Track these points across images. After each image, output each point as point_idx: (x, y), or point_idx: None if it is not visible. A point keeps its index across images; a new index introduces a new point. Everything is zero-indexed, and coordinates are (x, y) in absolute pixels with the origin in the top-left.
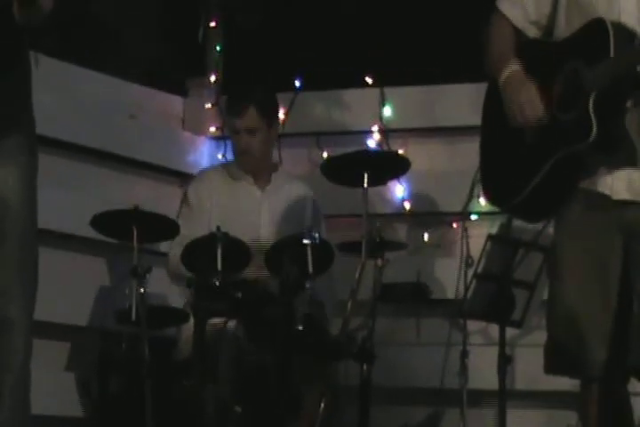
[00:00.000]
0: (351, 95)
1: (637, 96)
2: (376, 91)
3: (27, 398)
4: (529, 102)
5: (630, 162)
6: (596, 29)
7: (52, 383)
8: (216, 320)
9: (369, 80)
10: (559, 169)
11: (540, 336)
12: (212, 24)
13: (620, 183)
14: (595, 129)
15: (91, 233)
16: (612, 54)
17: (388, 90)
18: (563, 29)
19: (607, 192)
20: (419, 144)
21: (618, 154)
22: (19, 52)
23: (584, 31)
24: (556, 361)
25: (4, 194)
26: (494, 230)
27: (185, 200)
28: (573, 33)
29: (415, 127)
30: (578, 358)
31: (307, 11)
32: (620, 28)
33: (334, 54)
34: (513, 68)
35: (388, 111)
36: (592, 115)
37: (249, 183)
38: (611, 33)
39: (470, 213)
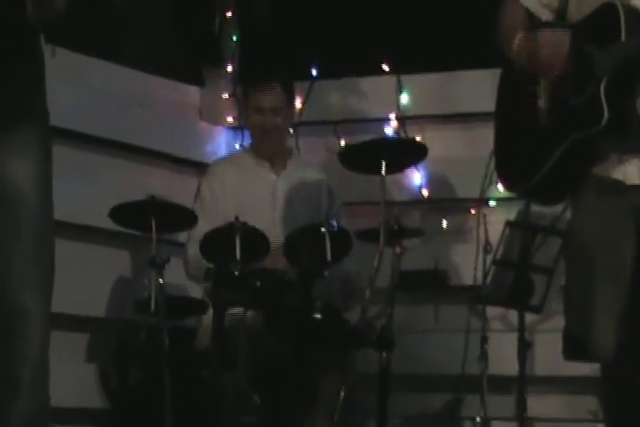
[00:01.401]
0: (368, 83)
1: None
2: (393, 78)
3: (46, 389)
4: (550, 44)
5: None
6: (608, 13)
7: (72, 374)
8: (235, 310)
9: (385, 67)
10: (572, 153)
11: (560, 322)
12: (228, 14)
13: (633, 168)
14: (606, 113)
15: (108, 224)
16: (622, 38)
17: (404, 77)
18: (575, 12)
19: (620, 177)
20: (436, 131)
21: (630, 139)
22: (32, 45)
23: (596, 15)
24: (570, 346)
25: (20, 187)
26: (512, 216)
27: (198, 196)
28: (586, 17)
29: (432, 114)
30: (588, 342)
31: None
32: (632, 11)
33: (350, 42)
34: (522, 34)
35: (404, 98)
36: (603, 99)
37: (264, 169)
38: (622, 16)
39: (488, 200)
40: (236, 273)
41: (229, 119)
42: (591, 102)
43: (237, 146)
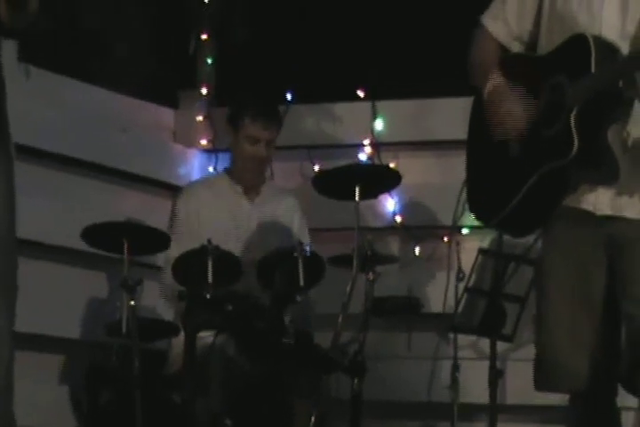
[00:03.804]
0: (343, 108)
1: (620, 111)
2: (367, 104)
3: (10, 408)
4: (510, 114)
5: (613, 177)
6: (578, 44)
7: (43, 396)
8: (206, 333)
9: (360, 93)
10: (543, 185)
11: (531, 350)
12: (204, 36)
13: (603, 199)
14: (576, 144)
15: (81, 245)
16: (592, 70)
17: (379, 103)
18: (545, 43)
19: (590, 208)
20: (410, 158)
21: (601, 169)
22: None
23: (566, 46)
24: (541, 377)
25: None
26: (485, 244)
27: (173, 218)
28: (556, 48)
29: (406, 141)
30: (560, 372)
31: (299, 24)
32: (602, 43)
33: (326, 68)
34: (496, 80)
35: (379, 125)
36: (573, 130)
37: (238, 195)
38: (592, 48)
39: (461, 227)
40: (208, 297)
41: (203, 142)
42: (562, 133)
43: (211, 169)
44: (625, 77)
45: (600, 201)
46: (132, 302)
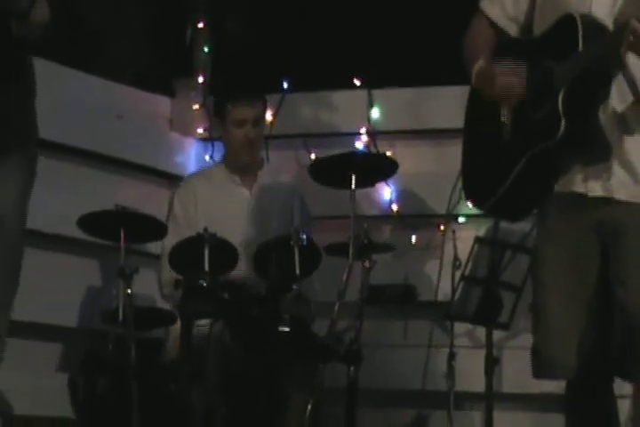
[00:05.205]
0: (339, 97)
1: (609, 90)
2: (364, 92)
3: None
4: (497, 96)
5: (604, 158)
6: (567, 25)
7: (39, 383)
8: (203, 322)
9: (357, 82)
10: (533, 167)
11: (527, 339)
12: (200, 25)
13: (595, 180)
14: (563, 126)
15: (78, 234)
16: (580, 48)
17: (375, 92)
18: (538, 24)
19: (582, 191)
20: (406, 146)
21: (592, 151)
22: (20, 66)
23: (556, 27)
24: (539, 365)
25: (3, 211)
26: (482, 233)
27: (171, 212)
28: (547, 29)
29: (403, 129)
30: (556, 360)
31: (295, 12)
32: (590, 22)
33: (322, 56)
34: (480, 65)
35: (375, 113)
36: (560, 111)
37: (236, 184)
38: (579, 28)
39: (458, 216)
40: (205, 285)
41: (200, 130)
42: (549, 116)
43: (207, 157)
44: (611, 54)
45: (592, 182)
46: (129, 291)
